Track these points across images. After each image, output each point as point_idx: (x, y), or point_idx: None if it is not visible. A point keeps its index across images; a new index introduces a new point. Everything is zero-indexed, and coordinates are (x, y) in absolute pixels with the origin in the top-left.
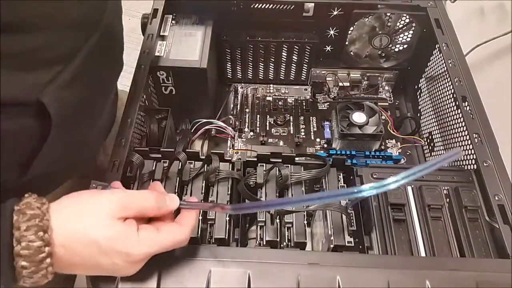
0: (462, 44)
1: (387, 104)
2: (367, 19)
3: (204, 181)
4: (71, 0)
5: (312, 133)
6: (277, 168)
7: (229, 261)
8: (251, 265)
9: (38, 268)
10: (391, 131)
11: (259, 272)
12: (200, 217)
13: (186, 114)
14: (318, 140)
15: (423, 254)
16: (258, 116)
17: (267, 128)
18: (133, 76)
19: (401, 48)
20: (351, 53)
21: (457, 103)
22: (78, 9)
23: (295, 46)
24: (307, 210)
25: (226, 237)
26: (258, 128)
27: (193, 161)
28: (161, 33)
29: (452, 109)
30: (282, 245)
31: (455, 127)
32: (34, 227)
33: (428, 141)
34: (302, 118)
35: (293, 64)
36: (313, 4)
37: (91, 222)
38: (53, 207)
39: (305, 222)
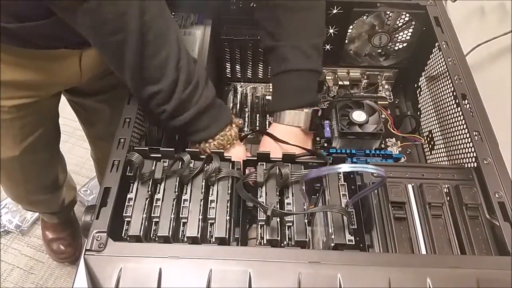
0: (463, 44)
1: (387, 102)
2: (366, 17)
3: (204, 181)
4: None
5: None
6: (277, 167)
7: (230, 260)
8: (252, 264)
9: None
10: (391, 130)
11: (260, 271)
12: (201, 216)
13: None
14: (318, 139)
15: (424, 252)
16: (258, 115)
17: (267, 127)
18: None
19: (400, 46)
20: (351, 51)
21: (457, 101)
22: None
23: None
24: (308, 212)
25: (227, 236)
26: (257, 127)
27: (193, 161)
28: None
29: (452, 107)
30: (282, 244)
31: (455, 125)
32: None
33: (428, 139)
34: None
35: None
36: None
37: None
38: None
39: (306, 220)
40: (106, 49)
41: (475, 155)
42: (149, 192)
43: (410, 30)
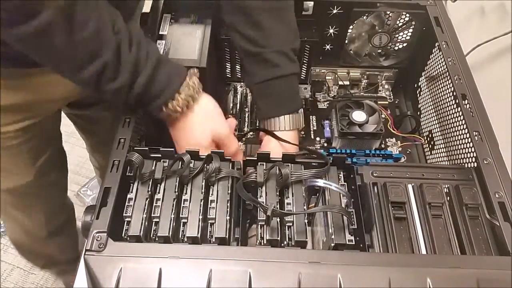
0: (463, 44)
1: (387, 102)
2: (366, 17)
3: (204, 181)
4: None
5: (312, 132)
6: (277, 167)
7: (230, 260)
8: (252, 264)
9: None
10: (391, 130)
11: (260, 271)
12: (201, 216)
13: None
14: (318, 139)
15: (424, 252)
16: None
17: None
18: None
19: (400, 46)
20: (351, 51)
21: (457, 101)
22: None
23: None
24: (308, 212)
25: (227, 236)
26: (257, 127)
27: (193, 161)
28: (160, 32)
29: (452, 107)
30: (282, 244)
31: (455, 125)
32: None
33: (428, 139)
34: None
35: None
36: (312, 2)
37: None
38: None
39: (306, 221)
40: (29, 41)
41: (475, 155)
42: (149, 192)
43: (410, 30)
